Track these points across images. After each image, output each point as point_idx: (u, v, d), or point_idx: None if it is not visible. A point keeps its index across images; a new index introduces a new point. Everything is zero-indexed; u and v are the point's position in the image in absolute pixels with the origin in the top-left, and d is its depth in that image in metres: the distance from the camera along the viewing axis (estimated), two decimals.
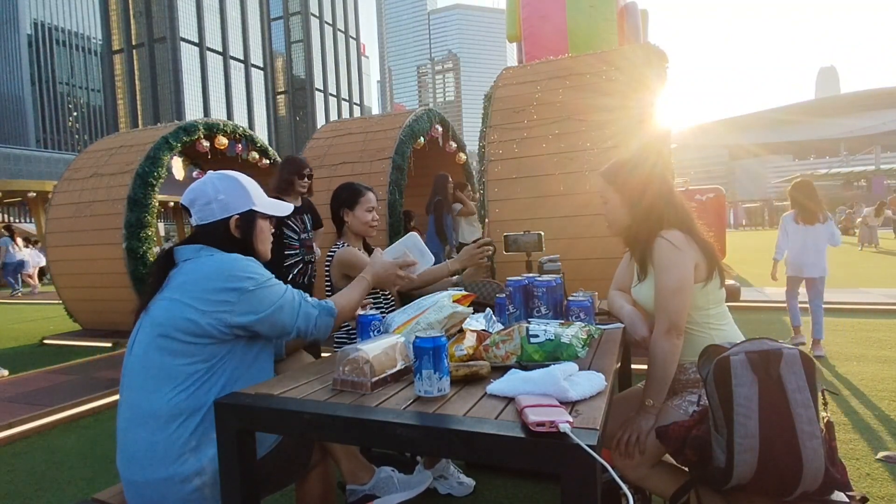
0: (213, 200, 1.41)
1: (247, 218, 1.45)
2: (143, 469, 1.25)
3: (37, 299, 10.96)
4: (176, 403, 1.25)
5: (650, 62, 4.58)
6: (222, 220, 1.42)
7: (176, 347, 1.27)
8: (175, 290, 1.31)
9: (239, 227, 1.44)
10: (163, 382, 1.26)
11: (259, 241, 1.49)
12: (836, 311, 5.56)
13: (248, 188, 1.47)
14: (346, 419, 1.05)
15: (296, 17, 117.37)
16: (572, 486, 0.85)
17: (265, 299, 1.34)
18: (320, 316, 1.45)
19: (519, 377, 1.11)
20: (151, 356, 1.29)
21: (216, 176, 1.46)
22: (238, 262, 1.35)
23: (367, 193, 2.37)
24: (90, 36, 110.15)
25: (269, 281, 1.37)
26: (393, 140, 5.92)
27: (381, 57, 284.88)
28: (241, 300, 1.30)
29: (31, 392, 3.88)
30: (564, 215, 4.37)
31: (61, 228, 6.41)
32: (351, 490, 1.68)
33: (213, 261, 1.35)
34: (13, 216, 24.92)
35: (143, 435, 1.26)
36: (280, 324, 1.37)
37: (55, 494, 2.42)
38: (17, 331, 7.15)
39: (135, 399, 1.29)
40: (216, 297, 1.28)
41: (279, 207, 1.54)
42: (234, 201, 1.44)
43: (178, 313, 1.27)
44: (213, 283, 1.29)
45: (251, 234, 1.46)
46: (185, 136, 6.33)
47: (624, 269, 1.87)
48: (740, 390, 1.20)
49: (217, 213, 1.42)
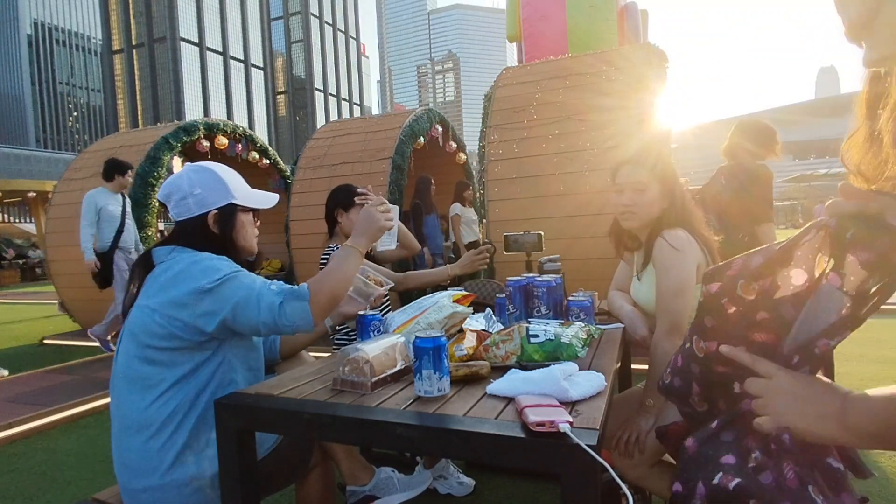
0: (188, 196, 1.33)
1: (225, 212, 1.37)
2: (139, 477, 1.23)
3: (37, 299, 10.96)
4: (165, 411, 1.23)
5: (650, 62, 4.58)
6: (199, 217, 1.34)
7: (155, 356, 1.24)
8: (146, 296, 1.27)
9: (217, 222, 1.36)
10: (147, 391, 1.24)
11: (240, 236, 1.40)
12: None
13: (227, 180, 1.38)
14: (346, 419, 1.05)
15: (296, 17, 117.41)
16: (572, 486, 0.85)
17: (223, 296, 1.23)
18: (286, 302, 1.25)
19: (519, 377, 1.11)
20: (134, 366, 1.25)
21: (192, 169, 1.38)
22: (199, 263, 1.26)
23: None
24: (90, 36, 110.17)
25: (230, 276, 1.25)
26: (393, 140, 5.92)
27: (381, 57, 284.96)
28: (201, 301, 1.22)
29: (31, 392, 3.88)
30: (564, 215, 4.37)
31: (61, 228, 6.41)
32: (351, 491, 1.68)
33: (178, 263, 1.28)
34: (13, 216, 24.92)
35: (136, 443, 1.24)
36: (245, 321, 1.25)
37: (55, 494, 2.42)
38: (17, 331, 7.14)
39: (123, 409, 1.26)
40: (179, 302, 1.22)
41: (263, 199, 1.46)
42: (211, 195, 1.35)
43: (149, 320, 1.23)
44: (177, 288, 1.23)
45: (231, 229, 1.38)
46: (185, 136, 6.34)
47: (624, 269, 1.87)
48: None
49: (193, 208, 1.34)
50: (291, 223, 6.05)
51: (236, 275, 1.27)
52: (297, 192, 6.10)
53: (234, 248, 1.39)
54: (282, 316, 1.24)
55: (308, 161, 6.27)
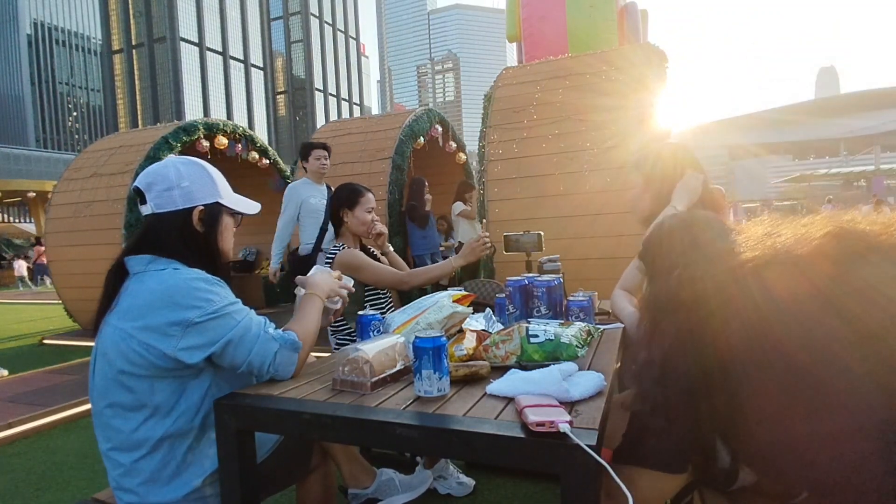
0: (175, 187, 1.23)
1: (212, 211, 1.28)
2: (135, 493, 1.19)
3: (37, 299, 10.95)
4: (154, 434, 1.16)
5: (650, 62, 4.58)
6: (183, 211, 1.24)
7: (134, 384, 1.15)
8: (121, 316, 1.16)
9: (203, 220, 1.26)
10: (131, 417, 1.16)
11: (223, 238, 1.32)
12: None
13: (216, 178, 1.31)
14: (345, 419, 1.05)
15: (296, 17, 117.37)
16: (572, 486, 0.85)
17: (214, 332, 1.15)
18: (281, 351, 1.21)
19: (519, 377, 1.11)
20: (112, 391, 1.16)
21: (180, 160, 1.29)
22: (185, 286, 1.15)
23: (367, 194, 2.36)
24: (90, 36, 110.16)
25: (223, 310, 1.16)
26: (393, 140, 5.92)
27: (381, 57, 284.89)
28: (186, 334, 1.12)
29: (31, 392, 3.88)
30: (564, 215, 4.37)
31: (61, 228, 6.41)
32: (353, 494, 1.67)
33: (158, 282, 1.16)
34: (13, 216, 24.92)
35: (126, 461, 1.18)
36: (230, 360, 1.18)
37: (55, 494, 2.42)
38: (17, 331, 7.15)
39: (108, 431, 1.19)
40: (160, 330, 1.12)
41: (247, 205, 1.38)
42: (200, 191, 1.26)
43: (125, 346, 1.13)
44: (159, 314, 1.12)
45: (216, 229, 1.29)
46: (184, 136, 6.33)
47: (634, 271, 1.82)
48: None
49: (178, 201, 1.23)
50: None
51: (230, 310, 1.18)
52: None
53: (215, 251, 1.30)
54: (272, 364, 1.21)
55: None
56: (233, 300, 1.21)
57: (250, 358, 1.19)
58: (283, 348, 1.23)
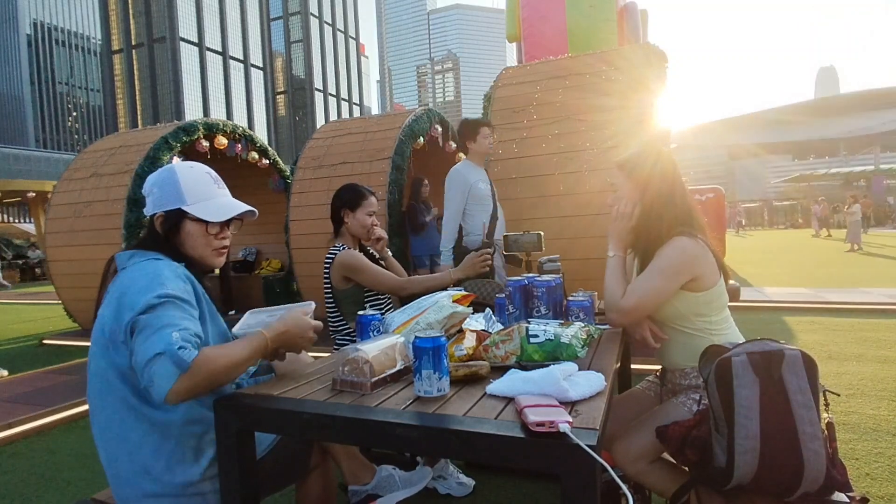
0: (149, 194, 1.32)
1: (170, 218, 1.30)
2: (132, 487, 1.20)
3: (37, 299, 10.95)
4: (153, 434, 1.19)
5: (650, 62, 4.58)
6: (151, 217, 1.32)
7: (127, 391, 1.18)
8: (103, 319, 1.18)
9: (161, 225, 1.30)
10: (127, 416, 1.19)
11: (189, 246, 1.31)
12: (835, 312, 5.53)
13: (183, 184, 1.29)
14: (345, 419, 1.05)
15: (295, 17, 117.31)
16: (572, 486, 0.85)
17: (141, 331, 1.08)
18: (161, 359, 1.02)
19: (518, 377, 1.11)
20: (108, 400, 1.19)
21: (163, 168, 1.36)
22: (136, 283, 1.14)
23: (370, 197, 2.35)
24: (90, 36, 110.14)
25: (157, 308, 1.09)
26: (393, 140, 5.92)
27: (381, 57, 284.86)
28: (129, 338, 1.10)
29: (31, 392, 3.88)
30: (564, 215, 4.37)
31: (61, 228, 6.41)
32: (353, 491, 1.68)
33: (127, 278, 1.18)
34: (12, 216, 24.92)
35: (123, 456, 1.20)
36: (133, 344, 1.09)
37: (55, 494, 2.42)
38: (17, 331, 7.14)
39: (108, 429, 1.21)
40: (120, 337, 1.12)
41: (217, 211, 1.31)
42: (163, 198, 1.30)
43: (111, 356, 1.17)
44: (118, 315, 1.12)
45: (175, 236, 1.30)
46: (184, 136, 6.33)
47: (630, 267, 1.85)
48: (741, 391, 1.20)
49: (150, 207, 1.32)
50: (291, 223, 6.04)
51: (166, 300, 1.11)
52: (297, 192, 6.10)
53: (185, 258, 1.30)
54: (147, 367, 1.03)
55: (308, 161, 6.27)
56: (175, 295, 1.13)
57: (139, 349, 1.05)
58: (165, 357, 1.02)
